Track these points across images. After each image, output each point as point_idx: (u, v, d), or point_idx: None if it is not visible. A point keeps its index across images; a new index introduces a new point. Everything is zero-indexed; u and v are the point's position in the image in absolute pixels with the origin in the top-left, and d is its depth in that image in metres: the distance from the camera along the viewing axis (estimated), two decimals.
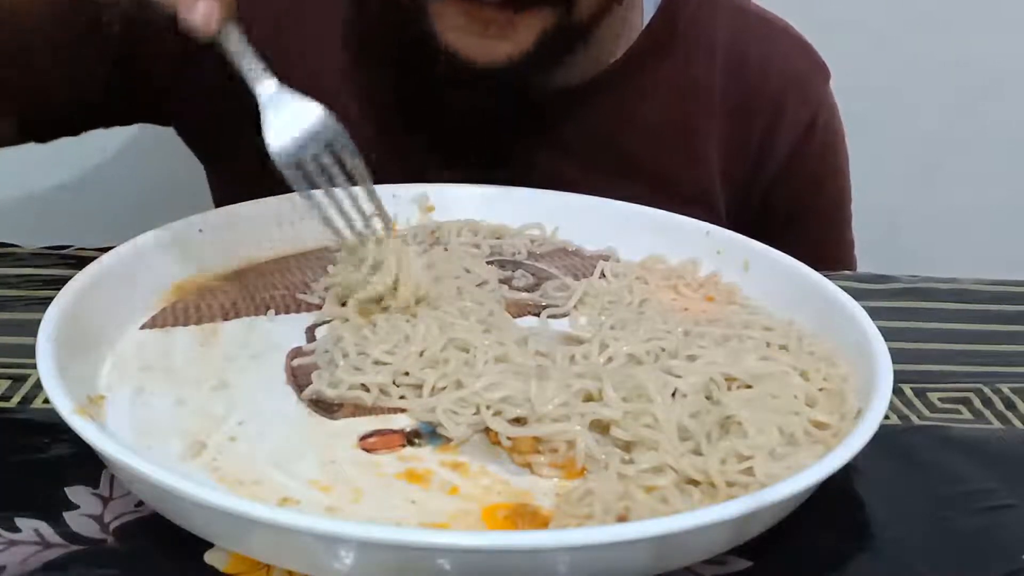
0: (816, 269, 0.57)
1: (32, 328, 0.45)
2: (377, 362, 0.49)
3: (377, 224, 0.54)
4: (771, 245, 0.60)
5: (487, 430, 0.45)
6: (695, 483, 0.42)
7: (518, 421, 0.45)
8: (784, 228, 0.61)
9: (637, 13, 0.75)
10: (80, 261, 0.51)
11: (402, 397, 0.47)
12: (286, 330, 0.53)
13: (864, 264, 0.86)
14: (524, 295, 0.57)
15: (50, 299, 0.47)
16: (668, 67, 0.75)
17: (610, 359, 0.49)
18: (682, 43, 0.75)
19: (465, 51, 0.62)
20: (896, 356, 0.47)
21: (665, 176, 0.74)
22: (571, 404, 0.45)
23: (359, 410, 0.47)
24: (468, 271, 0.58)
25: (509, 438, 0.44)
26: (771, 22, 0.81)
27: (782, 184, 0.79)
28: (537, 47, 0.62)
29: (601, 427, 0.45)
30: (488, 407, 0.45)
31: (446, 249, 0.61)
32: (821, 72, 0.81)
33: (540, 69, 0.65)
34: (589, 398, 0.46)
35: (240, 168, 0.60)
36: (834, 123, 0.81)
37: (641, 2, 0.75)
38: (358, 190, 0.53)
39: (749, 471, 0.42)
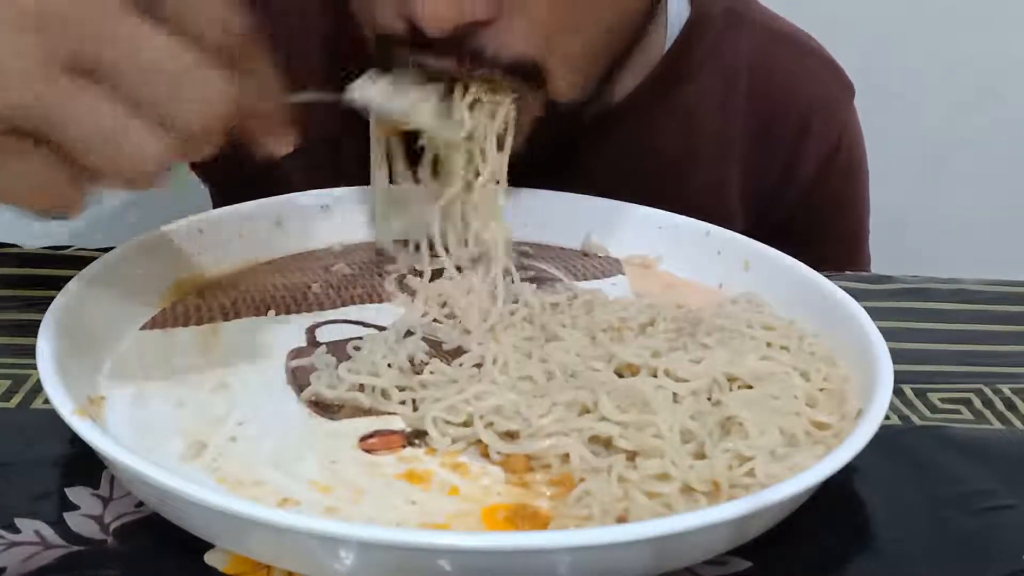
0: None
1: (32, 328, 0.45)
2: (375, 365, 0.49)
3: None
4: None
5: (478, 442, 0.45)
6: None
7: (510, 435, 0.45)
8: (803, 247, 0.60)
9: (659, 37, 0.73)
10: (80, 261, 0.51)
11: (402, 403, 0.47)
12: (286, 330, 0.53)
13: None
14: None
15: (50, 299, 0.47)
16: (690, 91, 0.73)
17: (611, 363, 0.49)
18: (705, 66, 0.73)
19: None
20: (897, 356, 0.47)
21: (686, 201, 0.71)
22: (565, 420, 0.45)
23: (359, 411, 0.47)
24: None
25: (500, 453, 0.44)
26: (799, 41, 0.79)
27: (804, 205, 0.77)
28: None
29: (602, 441, 0.44)
30: (481, 417, 0.45)
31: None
32: (847, 91, 0.79)
33: None
34: (585, 411, 0.45)
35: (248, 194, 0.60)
36: (857, 141, 0.80)
37: (664, 25, 0.73)
38: None
39: (750, 472, 0.42)
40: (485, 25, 0.52)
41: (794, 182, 0.76)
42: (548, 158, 0.62)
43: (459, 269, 0.58)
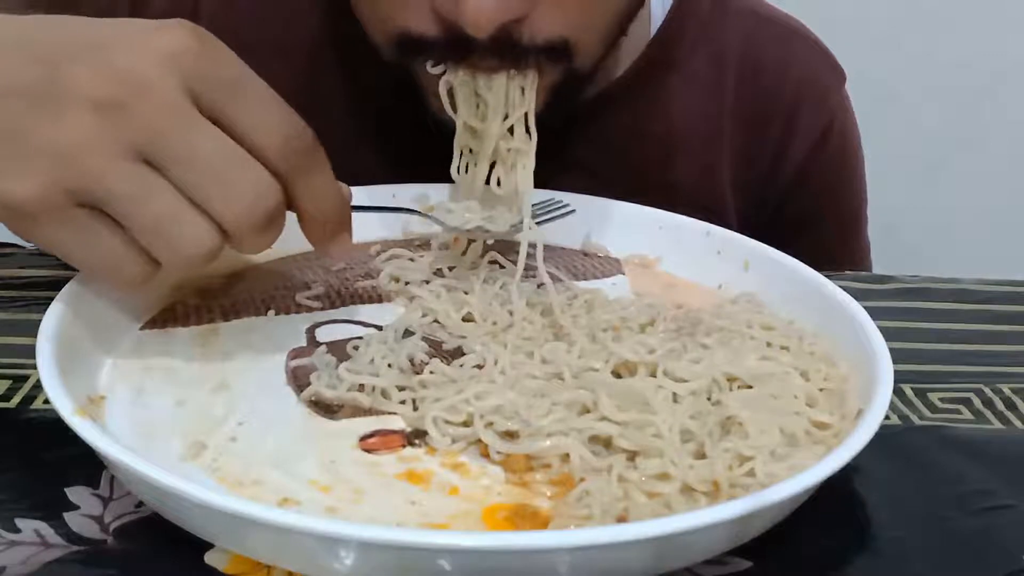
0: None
1: (32, 328, 0.45)
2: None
3: None
4: (785, 252, 0.59)
5: (478, 442, 0.45)
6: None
7: (510, 435, 0.45)
8: (798, 235, 0.60)
9: (644, 23, 0.72)
10: None
11: (402, 403, 0.47)
12: (286, 330, 0.53)
13: None
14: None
15: (50, 299, 0.47)
16: (678, 78, 0.73)
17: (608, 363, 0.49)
18: (692, 52, 0.73)
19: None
20: (897, 356, 0.47)
21: (677, 189, 0.72)
22: (565, 419, 0.45)
23: (359, 411, 0.47)
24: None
25: (500, 452, 0.44)
26: (786, 25, 0.78)
27: (796, 192, 0.77)
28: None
29: (602, 441, 0.44)
30: (481, 417, 0.45)
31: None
32: (837, 76, 0.79)
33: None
34: (585, 411, 0.45)
35: None
36: (849, 127, 0.80)
37: (648, 12, 0.73)
38: None
39: (750, 472, 0.42)
40: (523, 19, 0.53)
41: (785, 167, 0.76)
42: (547, 139, 0.63)
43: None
